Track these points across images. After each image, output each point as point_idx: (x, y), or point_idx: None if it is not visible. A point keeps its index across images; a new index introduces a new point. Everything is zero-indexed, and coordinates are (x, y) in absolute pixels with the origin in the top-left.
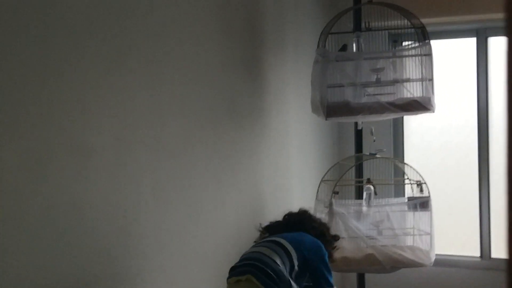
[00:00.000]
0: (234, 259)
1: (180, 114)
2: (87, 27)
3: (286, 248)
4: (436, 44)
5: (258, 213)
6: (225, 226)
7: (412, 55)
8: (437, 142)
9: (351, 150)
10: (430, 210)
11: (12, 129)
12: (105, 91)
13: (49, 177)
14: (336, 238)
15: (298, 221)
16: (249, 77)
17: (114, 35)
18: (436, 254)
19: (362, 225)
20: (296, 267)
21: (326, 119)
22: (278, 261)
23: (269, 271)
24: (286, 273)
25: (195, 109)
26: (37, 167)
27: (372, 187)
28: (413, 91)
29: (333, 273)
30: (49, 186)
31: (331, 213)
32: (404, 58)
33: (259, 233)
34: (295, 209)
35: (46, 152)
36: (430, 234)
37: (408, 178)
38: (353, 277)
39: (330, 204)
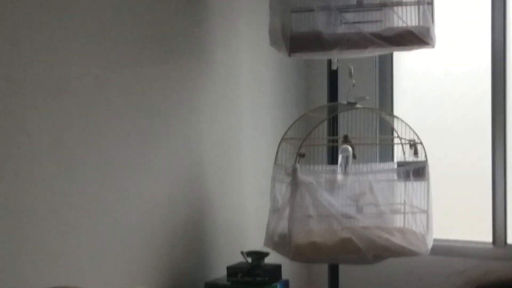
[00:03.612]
0: (165, 241)
1: (87, 47)
2: None
3: None
4: None
5: (195, 181)
6: (153, 197)
7: None
8: (437, 90)
9: (322, 98)
10: (427, 180)
11: None
12: None
13: None
14: None
15: None
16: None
17: None
18: (435, 239)
19: (336, 199)
20: None
21: (289, 55)
22: None
23: None
24: None
25: (110, 42)
26: None
27: (350, 148)
28: (406, 18)
29: (298, 264)
30: None
31: (294, 183)
32: None
33: None
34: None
35: None
36: (426, 212)
37: (398, 137)
38: (323, 269)
39: (294, 171)
